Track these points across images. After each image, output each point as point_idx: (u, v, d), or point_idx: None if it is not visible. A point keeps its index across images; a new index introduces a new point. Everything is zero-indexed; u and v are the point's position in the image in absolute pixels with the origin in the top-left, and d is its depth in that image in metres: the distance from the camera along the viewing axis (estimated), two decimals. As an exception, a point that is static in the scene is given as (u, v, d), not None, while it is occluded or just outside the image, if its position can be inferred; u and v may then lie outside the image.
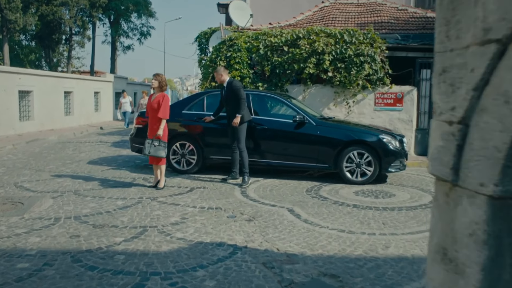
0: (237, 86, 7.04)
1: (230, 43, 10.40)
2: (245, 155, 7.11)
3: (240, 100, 6.99)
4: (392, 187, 7.17)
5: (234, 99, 7.01)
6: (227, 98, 7.12)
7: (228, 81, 7.23)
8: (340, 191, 6.84)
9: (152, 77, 6.67)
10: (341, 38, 9.92)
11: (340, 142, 7.29)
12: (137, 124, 8.20)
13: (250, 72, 10.24)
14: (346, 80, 9.82)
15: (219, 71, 7.22)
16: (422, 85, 10.17)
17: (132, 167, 8.55)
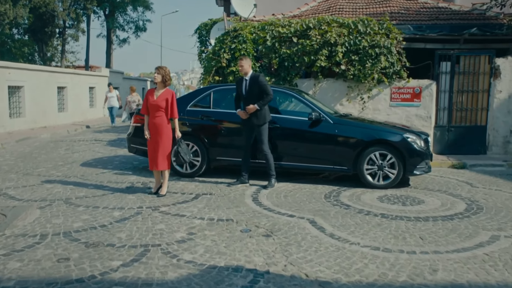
0: (264, 82, 6.44)
1: (234, 34, 9.68)
2: (270, 157, 6.55)
3: (268, 96, 6.38)
4: (418, 192, 6.51)
5: (258, 95, 6.40)
6: (249, 93, 6.45)
7: (252, 74, 6.56)
8: (362, 196, 6.18)
9: (154, 71, 5.95)
10: (355, 28, 9.22)
11: (361, 142, 6.61)
12: (135, 122, 7.49)
13: (257, 65, 9.52)
14: (361, 74, 9.13)
15: (247, 62, 6.53)
16: (441, 78, 9.48)
17: (129, 169, 7.85)
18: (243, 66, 6.51)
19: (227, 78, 9.48)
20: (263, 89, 6.42)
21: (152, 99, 5.86)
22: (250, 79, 6.51)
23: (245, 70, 6.53)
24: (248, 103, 6.43)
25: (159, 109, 5.86)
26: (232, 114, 7.02)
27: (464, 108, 9.54)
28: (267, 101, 6.43)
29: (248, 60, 6.58)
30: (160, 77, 5.90)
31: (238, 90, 6.60)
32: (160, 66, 5.97)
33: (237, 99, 6.69)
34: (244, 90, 6.51)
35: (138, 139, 7.43)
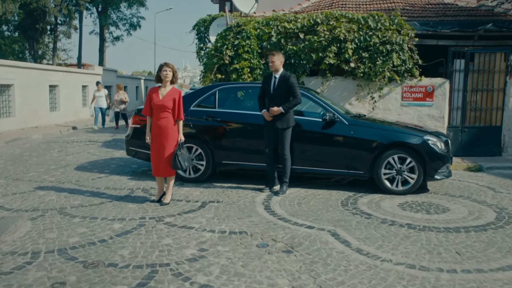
0: (294, 83, 6.02)
1: (237, 30, 9.20)
2: (289, 163, 6.12)
3: (295, 99, 5.97)
4: (439, 198, 6.08)
5: (286, 96, 5.99)
6: (276, 92, 6.01)
7: (283, 73, 6.11)
8: (381, 203, 5.74)
9: (161, 66, 5.37)
10: (365, 23, 8.78)
11: (378, 145, 6.17)
12: (135, 123, 6.99)
13: (261, 62, 9.06)
14: (371, 72, 8.69)
15: (279, 58, 6.08)
16: (455, 77, 9.07)
17: (128, 174, 7.35)
18: (274, 62, 6.04)
19: (230, 76, 9.00)
20: (292, 91, 5.99)
21: (157, 98, 5.35)
22: (280, 77, 6.05)
23: (276, 67, 6.06)
24: (274, 102, 6.00)
25: (165, 109, 5.37)
26: (240, 114, 6.56)
27: (478, 107, 9.14)
28: (294, 104, 6.00)
29: (281, 56, 6.13)
30: (171, 74, 5.40)
31: (265, 87, 6.14)
32: (167, 63, 5.46)
33: (261, 97, 6.23)
34: (272, 88, 6.05)
35: (138, 141, 6.95)
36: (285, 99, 6.01)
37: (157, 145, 5.38)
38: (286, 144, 6.08)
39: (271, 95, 6.04)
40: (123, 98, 15.28)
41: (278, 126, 6.02)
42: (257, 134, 6.46)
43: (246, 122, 6.51)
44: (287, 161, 6.13)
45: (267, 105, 6.10)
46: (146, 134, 5.43)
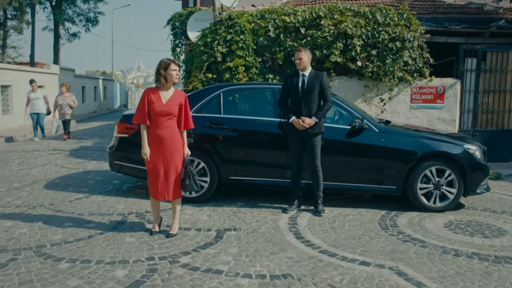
0: (327, 84, 5.23)
1: (230, 23, 8.20)
2: (321, 174, 5.28)
3: (328, 103, 5.20)
4: (483, 215, 5.37)
5: (316, 98, 5.19)
6: (307, 95, 5.16)
7: (312, 71, 5.28)
8: (424, 224, 4.96)
9: (168, 64, 4.26)
10: (372, 18, 8.01)
11: (414, 156, 5.38)
12: (120, 132, 5.85)
13: (257, 60, 8.10)
14: (380, 71, 7.93)
15: (307, 54, 5.26)
16: (466, 77, 8.47)
17: (112, 193, 6.18)
18: (302, 59, 5.18)
19: (222, 76, 8.00)
20: (325, 93, 5.20)
21: (160, 103, 4.28)
22: (310, 76, 5.20)
23: (304, 64, 5.22)
24: (303, 106, 5.16)
25: (170, 117, 4.32)
26: (251, 121, 5.58)
27: (490, 110, 8.60)
28: (327, 110, 5.20)
29: (308, 52, 5.31)
30: (180, 75, 4.38)
31: (291, 88, 5.24)
32: (174, 60, 4.39)
33: (285, 101, 5.34)
34: (301, 90, 5.17)
35: (125, 154, 5.84)
36: (316, 103, 5.17)
37: (159, 161, 4.30)
38: (317, 152, 5.22)
39: (299, 98, 5.15)
40: (71, 102, 12.68)
41: (309, 132, 5.13)
42: (272, 144, 5.54)
43: (260, 131, 5.55)
44: (320, 173, 5.27)
45: (292, 110, 5.21)
46: (143, 148, 4.33)
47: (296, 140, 5.25)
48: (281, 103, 5.34)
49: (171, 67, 4.30)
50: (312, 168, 5.27)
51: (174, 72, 4.32)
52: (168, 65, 4.31)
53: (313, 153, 5.22)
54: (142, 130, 4.33)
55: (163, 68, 4.32)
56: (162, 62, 4.35)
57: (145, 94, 4.34)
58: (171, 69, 4.30)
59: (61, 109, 12.62)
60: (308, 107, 5.15)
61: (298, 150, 5.28)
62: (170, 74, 4.30)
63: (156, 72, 4.37)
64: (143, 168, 5.63)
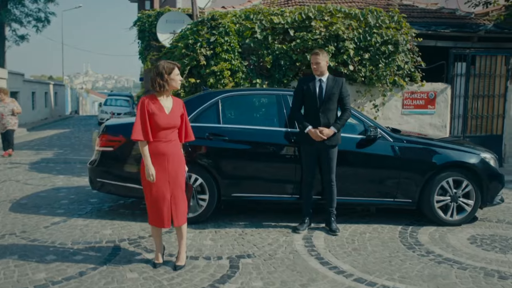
0: (347, 91, 4.83)
1: (213, 24, 7.65)
2: (336, 189, 4.87)
3: (347, 111, 4.82)
4: (503, 228, 5.15)
5: (335, 107, 4.79)
6: (326, 102, 4.73)
7: (330, 77, 4.85)
8: (448, 241, 4.66)
9: (171, 69, 3.71)
10: (364, 20, 7.73)
11: (432, 166, 5.07)
12: (103, 145, 5.15)
13: (244, 64, 7.59)
14: (373, 76, 7.64)
15: (325, 57, 4.83)
16: (456, 82, 8.35)
17: (92, 215, 5.45)
18: (320, 63, 4.75)
19: (206, 80, 7.43)
20: (344, 100, 4.79)
21: (164, 114, 3.69)
22: (328, 82, 4.78)
23: (321, 69, 4.79)
24: (321, 115, 4.72)
25: (175, 129, 3.76)
26: (255, 132, 5.07)
27: (480, 115, 8.54)
28: (346, 119, 4.81)
29: (326, 55, 4.87)
30: (179, 79, 3.81)
31: (307, 95, 4.78)
32: (177, 63, 3.82)
33: (297, 109, 4.89)
34: (319, 97, 4.74)
35: (109, 170, 5.16)
36: (334, 111, 4.78)
37: (163, 182, 3.70)
38: (334, 166, 4.81)
39: (317, 106, 4.71)
40: (14, 109, 10.42)
41: (326, 143, 4.69)
42: (279, 156, 5.06)
43: (265, 142, 5.03)
44: (335, 187, 4.86)
45: (307, 119, 4.76)
46: (148, 169, 3.63)
47: (310, 152, 4.80)
48: (295, 111, 4.87)
49: (174, 71, 3.74)
50: (327, 182, 4.84)
51: (178, 77, 3.76)
52: (172, 69, 3.74)
53: (329, 166, 4.78)
54: (143, 148, 3.70)
55: (167, 73, 3.73)
56: (165, 66, 3.76)
57: (143, 104, 3.70)
58: (175, 73, 3.74)
59: (1, 119, 10.31)
60: (326, 116, 4.71)
61: (311, 162, 4.83)
62: (174, 79, 3.73)
63: (157, 76, 3.76)
64: (130, 186, 5.06)
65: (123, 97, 24.60)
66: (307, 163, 4.85)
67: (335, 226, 4.87)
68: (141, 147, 3.72)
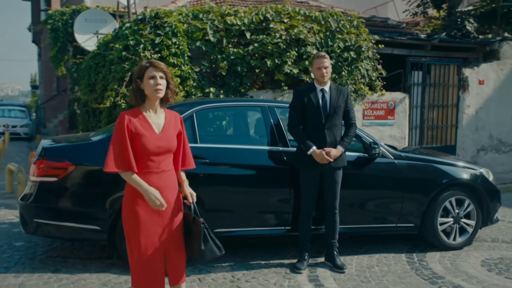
0: (352, 102, 4.36)
1: (157, 23, 6.70)
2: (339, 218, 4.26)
3: (354, 127, 4.27)
4: (507, 249, 4.91)
5: (341, 122, 4.22)
6: (331, 116, 4.11)
7: (333, 86, 4.26)
8: (462, 268, 4.33)
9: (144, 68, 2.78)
10: (325, 23, 7.32)
11: (436, 185, 4.70)
12: (42, 175, 3.99)
13: (195, 70, 6.75)
14: (336, 84, 7.23)
15: (329, 60, 4.14)
16: (413, 91, 8.29)
17: (25, 265, 4.22)
18: (328, 68, 4.14)
19: (151, 89, 6.43)
20: (351, 114, 4.27)
21: (153, 135, 2.79)
22: (332, 92, 4.18)
23: (328, 77, 4.12)
24: (327, 132, 4.11)
25: (170, 154, 2.87)
26: (241, 152, 4.29)
27: (435, 125, 8.56)
28: (353, 136, 4.26)
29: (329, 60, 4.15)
30: (165, 84, 2.88)
31: (309, 108, 4.12)
32: (154, 61, 2.90)
33: (297, 125, 4.20)
34: (323, 110, 4.08)
35: (49, 207, 4.03)
36: (340, 127, 4.20)
37: (156, 228, 2.78)
38: (338, 191, 4.22)
39: (321, 121, 4.09)
40: None
41: (332, 165, 4.07)
42: (270, 181, 4.35)
43: (252, 165, 4.27)
44: (338, 216, 4.26)
45: (310, 137, 4.09)
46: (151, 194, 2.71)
47: (313, 176, 4.14)
48: (294, 128, 4.18)
49: (147, 73, 2.78)
50: (330, 210, 4.22)
51: (153, 81, 2.78)
52: (142, 70, 2.80)
53: (333, 192, 4.17)
54: (129, 177, 2.75)
55: (137, 76, 2.82)
56: (136, 68, 2.88)
57: (122, 122, 2.75)
58: (147, 75, 2.79)
59: None
60: (332, 132, 4.10)
61: (313, 189, 4.18)
62: (147, 84, 2.78)
63: (132, 83, 2.88)
64: (82, 227, 3.99)
65: (17, 107, 21.99)
66: (308, 190, 4.18)
67: (340, 261, 4.26)
68: (126, 178, 2.77)
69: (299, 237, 4.32)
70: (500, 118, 8.87)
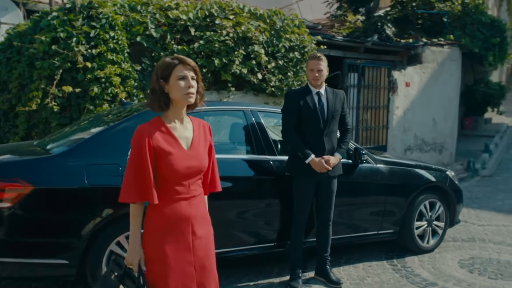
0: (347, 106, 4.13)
1: (93, 14, 5.93)
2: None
3: (349, 131, 4.09)
4: (480, 248, 5.15)
5: (337, 127, 4.00)
6: (329, 121, 3.87)
7: (329, 89, 4.02)
8: (444, 271, 4.51)
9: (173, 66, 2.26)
10: (270, 21, 7.12)
11: (413, 190, 4.77)
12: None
13: (135, 68, 6.10)
14: (283, 85, 7.08)
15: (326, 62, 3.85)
16: (350, 93, 8.46)
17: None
18: (323, 70, 3.88)
19: (86, 88, 5.69)
20: (347, 119, 4.09)
21: (181, 151, 2.31)
22: (328, 95, 3.96)
23: (323, 79, 3.84)
24: (325, 139, 3.88)
25: (201, 175, 2.41)
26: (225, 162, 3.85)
27: (369, 126, 8.84)
28: (349, 142, 4.09)
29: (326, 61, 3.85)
30: (196, 86, 2.36)
31: (305, 113, 3.87)
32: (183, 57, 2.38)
33: (293, 131, 3.85)
34: (321, 115, 3.86)
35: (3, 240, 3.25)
36: (336, 133, 3.97)
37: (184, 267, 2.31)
38: (333, 202, 4.01)
39: (319, 126, 3.88)
40: None
41: (330, 174, 3.87)
42: (258, 193, 4.05)
43: (238, 176, 3.90)
44: (331, 228, 4.08)
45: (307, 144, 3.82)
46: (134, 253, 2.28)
47: (309, 186, 3.89)
48: (291, 134, 3.88)
49: (175, 71, 2.29)
50: (324, 221, 4.04)
51: (183, 82, 2.31)
52: (171, 67, 2.29)
53: (329, 202, 3.99)
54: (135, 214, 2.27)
55: (160, 77, 2.31)
56: (159, 65, 2.36)
57: (142, 138, 2.24)
58: (176, 75, 2.29)
59: None
60: (331, 139, 3.90)
61: (308, 199, 3.95)
62: (175, 87, 2.30)
63: (153, 85, 2.35)
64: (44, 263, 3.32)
65: None
66: (303, 201, 3.93)
67: (334, 276, 4.09)
68: (132, 212, 2.28)
69: (291, 253, 4.07)
70: (423, 119, 9.47)
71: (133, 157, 2.24)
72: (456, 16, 10.88)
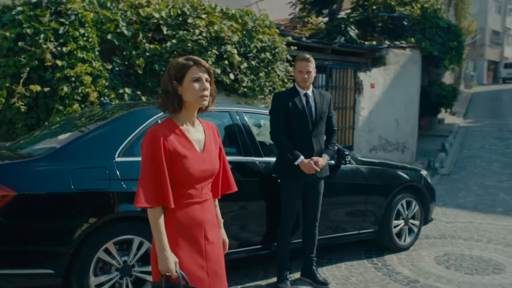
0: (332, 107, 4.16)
1: (62, 9, 5.68)
2: None
3: (335, 134, 4.16)
4: (453, 245, 5.36)
5: (325, 128, 4.05)
6: (317, 123, 3.93)
7: (316, 90, 4.06)
8: (423, 268, 4.65)
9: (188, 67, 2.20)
10: (242, 22, 7.10)
11: (392, 189, 4.90)
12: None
13: (106, 67, 5.92)
14: (255, 86, 7.07)
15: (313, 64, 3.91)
16: (318, 93, 8.55)
17: None
18: (311, 72, 3.93)
19: (55, 87, 5.46)
20: (333, 120, 4.16)
21: (196, 154, 2.26)
22: (316, 97, 4.00)
23: (311, 80, 3.91)
24: (314, 140, 3.94)
25: (211, 179, 2.37)
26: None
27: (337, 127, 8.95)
28: (335, 142, 4.14)
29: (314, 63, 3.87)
30: (209, 88, 2.29)
31: (294, 114, 3.90)
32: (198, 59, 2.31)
33: (282, 132, 3.87)
34: (309, 116, 3.90)
35: None
36: (324, 134, 4.00)
37: (197, 273, 2.26)
38: (320, 204, 4.06)
39: (308, 128, 3.92)
40: None
41: (318, 175, 3.92)
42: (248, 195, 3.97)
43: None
44: (317, 230, 4.12)
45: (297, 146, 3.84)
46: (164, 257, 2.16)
47: (297, 187, 3.91)
48: (279, 136, 3.89)
49: (190, 73, 2.24)
50: (311, 223, 4.08)
51: (198, 84, 2.26)
52: (186, 69, 2.24)
53: (316, 204, 4.04)
54: (157, 218, 2.18)
55: (174, 78, 2.26)
56: (172, 66, 2.29)
57: (157, 140, 2.17)
58: (190, 77, 2.24)
59: None
60: (319, 140, 3.95)
61: (296, 201, 3.99)
62: (189, 88, 2.25)
63: (166, 85, 2.27)
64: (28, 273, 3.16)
65: None
66: (291, 202, 3.95)
67: (321, 276, 4.13)
68: (152, 218, 2.19)
69: (278, 254, 4.07)
70: (387, 119, 9.74)
71: (148, 160, 2.17)
72: (416, 20, 11.27)
